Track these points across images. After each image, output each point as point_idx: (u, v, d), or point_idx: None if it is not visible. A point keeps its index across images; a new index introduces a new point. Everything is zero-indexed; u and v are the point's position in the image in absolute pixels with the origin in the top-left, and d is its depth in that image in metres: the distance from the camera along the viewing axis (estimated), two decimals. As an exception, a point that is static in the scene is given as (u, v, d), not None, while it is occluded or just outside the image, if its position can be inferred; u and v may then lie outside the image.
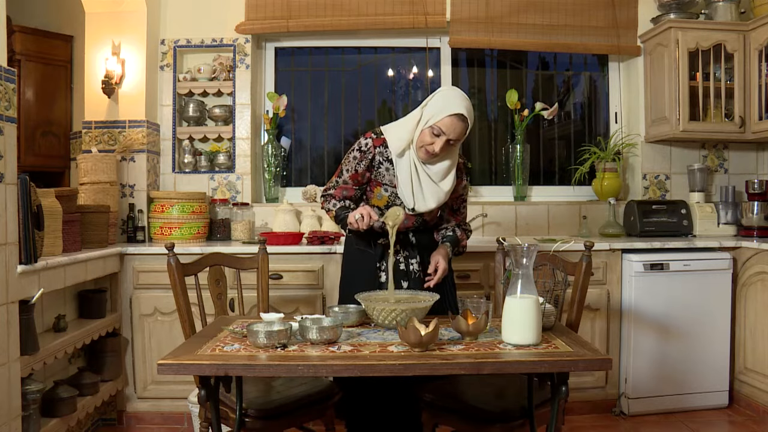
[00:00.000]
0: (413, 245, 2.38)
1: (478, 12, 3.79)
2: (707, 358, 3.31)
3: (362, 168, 2.32)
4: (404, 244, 2.38)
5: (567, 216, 3.88)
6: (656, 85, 3.79)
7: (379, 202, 2.34)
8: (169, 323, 3.13)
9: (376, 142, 2.32)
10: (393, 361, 1.62)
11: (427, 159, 2.24)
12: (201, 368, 1.65)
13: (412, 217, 2.34)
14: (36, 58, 3.82)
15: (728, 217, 3.74)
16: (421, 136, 2.21)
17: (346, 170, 2.35)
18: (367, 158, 2.31)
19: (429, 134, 2.19)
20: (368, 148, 2.31)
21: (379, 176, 2.33)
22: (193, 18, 3.74)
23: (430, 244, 2.44)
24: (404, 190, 2.28)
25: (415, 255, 2.38)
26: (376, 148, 2.31)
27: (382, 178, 2.33)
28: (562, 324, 2.13)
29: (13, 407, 2.19)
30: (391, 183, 2.32)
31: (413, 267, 2.37)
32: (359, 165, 2.32)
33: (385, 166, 2.32)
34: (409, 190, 2.27)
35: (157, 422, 3.18)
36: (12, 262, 2.20)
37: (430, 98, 2.25)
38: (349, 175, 2.34)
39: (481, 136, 4.11)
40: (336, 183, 2.38)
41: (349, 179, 2.35)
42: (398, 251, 2.36)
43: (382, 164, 2.32)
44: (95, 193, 3.25)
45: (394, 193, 2.32)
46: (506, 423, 2.03)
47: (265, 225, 3.73)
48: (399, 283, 2.33)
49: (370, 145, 2.31)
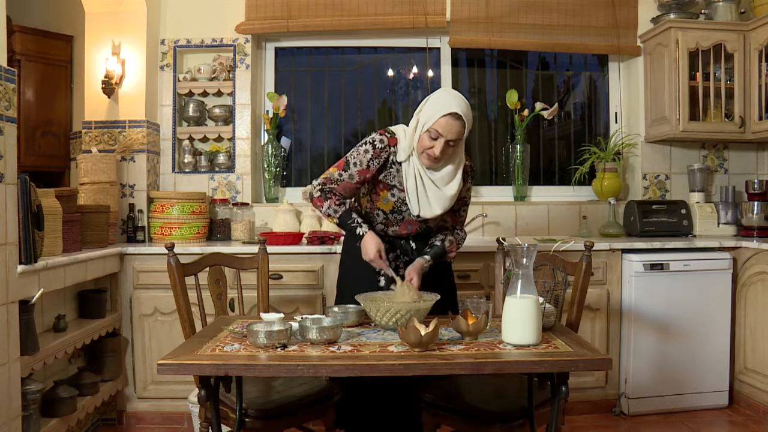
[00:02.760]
0: (413, 249, 2.38)
1: (478, 12, 3.79)
2: (707, 358, 3.31)
3: (375, 165, 2.24)
4: (404, 250, 2.37)
5: (567, 216, 3.88)
6: (656, 85, 3.79)
7: (384, 207, 2.30)
8: (169, 323, 3.13)
9: (391, 141, 2.26)
10: (393, 361, 1.62)
11: (431, 165, 2.19)
12: (201, 368, 1.65)
13: (416, 224, 2.33)
14: (36, 58, 3.82)
15: (728, 217, 3.75)
16: (420, 141, 2.17)
17: (354, 164, 2.25)
18: (382, 157, 2.24)
19: (427, 138, 2.15)
20: (384, 145, 2.24)
21: (389, 177, 2.28)
22: (193, 18, 3.74)
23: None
24: (410, 197, 2.24)
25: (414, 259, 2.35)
26: (391, 147, 2.26)
27: (392, 179, 2.27)
28: (562, 324, 2.13)
29: (13, 407, 2.19)
30: (400, 185, 2.27)
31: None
32: (372, 162, 2.24)
33: (396, 168, 2.27)
34: (415, 196, 2.23)
35: (157, 422, 3.18)
36: (12, 262, 2.20)
37: (424, 103, 2.21)
38: (358, 170, 2.25)
39: (481, 136, 4.11)
40: (339, 178, 2.28)
41: (357, 174, 2.25)
42: (398, 256, 2.36)
43: (393, 165, 2.27)
44: (95, 193, 3.25)
45: (401, 199, 2.28)
46: (506, 423, 2.03)
47: (265, 225, 3.73)
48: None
49: (386, 143, 2.25)
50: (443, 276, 2.44)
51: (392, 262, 2.34)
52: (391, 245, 2.36)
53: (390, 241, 2.36)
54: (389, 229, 2.34)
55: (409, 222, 2.32)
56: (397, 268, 2.34)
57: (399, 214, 2.30)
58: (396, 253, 2.36)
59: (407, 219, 2.31)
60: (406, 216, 2.30)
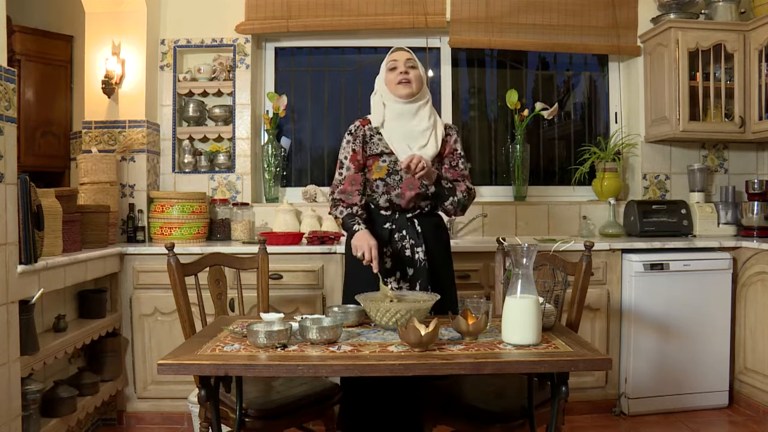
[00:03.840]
0: (419, 233, 2.41)
1: (478, 12, 3.79)
2: (707, 358, 3.31)
3: (358, 146, 2.45)
4: (410, 231, 2.41)
5: (567, 216, 3.88)
6: (656, 85, 3.79)
7: (380, 174, 2.41)
8: (169, 323, 3.13)
9: (363, 122, 2.50)
10: (393, 361, 1.62)
11: (407, 91, 2.39)
12: (201, 368, 1.65)
13: (416, 182, 2.37)
14: (36, 58, 3.82)
15: (728, 217, 3.75)
16: (388, 81, 2.43)
17: (345, 157, 2.46)
18: (359, 136, 2.46)
19: (391, 73, 2.43)
20: (357, 127, 2.48)
21: (374, 147, 2.44)
22: (193, 18, 3.74)
23: (435, 231, 2.47)
24: (398, 148, 2.39)
25: (421, 243, 2.40)
26: (365, 126, 2.48)
27: (377, 148, 2.43)
28: (562, 324, 2.13)
29: (13, 407, 2.19)
30: (387, 149, 2.42)
31: (419, 255, 2.39)
32: (354, 144, 2.46)
33: (378, 137, 2.45)
34: (404, 145, 2.39)
35: (157, 422, 3.18)
36: (12, 262, 2.20)
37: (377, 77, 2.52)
38: (349, 159, 2.45)
39: (481, 136, 4.11)
40: (342, 178, 2.45)
41: (351, 164, 2.44)
42: (404, 237, 2.41)
43: (373, 136, 2.46)
44: (95, 193, 3.25)
45: (392, 161, 2.40)
46: (506, 423, 2.03)
47: (265, 225, 3.73)
48: (405, 270, 2.39)
49: (358, 125, 2.49)
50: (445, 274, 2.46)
51: (399, 242, 2.39)
52: (398, 226, 2.41)
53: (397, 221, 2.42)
54: (393, 196, 2.40)
55: (409, 181, 2.37)
56: (403, 249, 2.39)
57: (396, 174, 2.40)
58: (402, 234, 2.40)
59: (406, 179, 2.38)
60: (403, 174, 2.39)
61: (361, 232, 2.33)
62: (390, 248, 2.40)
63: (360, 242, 2.30)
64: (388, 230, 2.41)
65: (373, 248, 2.27)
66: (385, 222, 2.43)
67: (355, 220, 2.37)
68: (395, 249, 2.40)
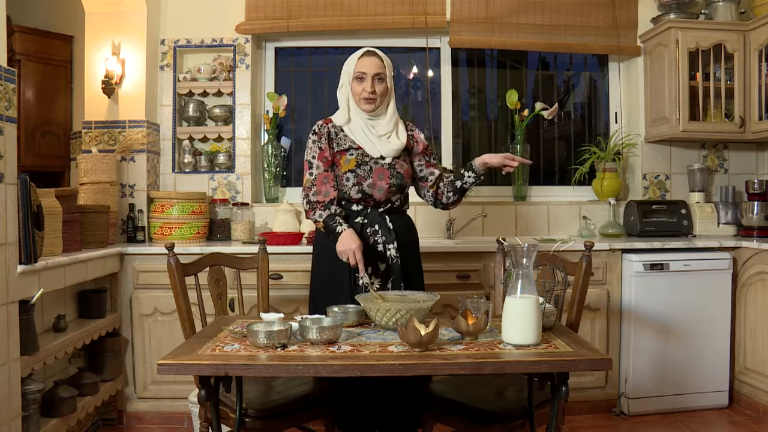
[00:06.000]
0: (390, 230, 2.38)
1: (478, 12, 3.79)
2: (707, 358, 3.31)
3: (324, 144, 2.43)
4: (382, 227, 2.37)
5: (567, 216, 3.88)
6: (656, 85, 3.79)
7: (349, 166, 2.38)
8: (169, 323, 3.13)
9: (326, 120, 2.49)
10: (393, 361, 1.62)
11: (371, 108, 2.38)
12: (201, 368, 1.65)
13: (386, 171, 2.37)
14: (36, 58, 3.82)
15: (728, 217, 3.75)
16: (353, 91, 2.40)
17: (312, 156, 2.42)
18: (323, 134, 2.44)
19: (357, 84, 2.39)
20: (320, 126, 2.47)
21: (341, 143, 2.42)
22: (193, 18, 3.74)
23: (406, 227, 2.45)
24: (365, 145, 2.40)
25: (392, 240, 2.36)
26: (328, 124, 2.47)
27: (344, 143, 2.42)
28: (562, 324, 2.13)
29: (13, 407, 2.19)
30: (354, 143, 2.41)
31: (391, 252, 2.35)
32: (321, 142, 2.43)
33: (343, 134, 2.45)
34: (369, 143, 2.39)
35: (157, 422, 3.18)
36: (12, 262, 2.20)
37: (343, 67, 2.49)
38: (317, 158, 2.41)
39: (481, 136, 4.11)
40: (313, 178, 2.39)
41: (320, 162, 2.40)
42: (376, 232, 2.37)
43: (338, 133, 2.45)
44: (95, 193, 3.25)
45: (361, 153, 2.40)
46: (506, 423, 2.03)
47: (265, 225, 3.73)
48: (376, 265, 2.34)
49: (321, 123, 2.48)
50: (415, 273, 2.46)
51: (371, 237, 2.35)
52: (370, 221, 2.38)
53: (369, 215, 2.38)
54: (365, 186, 2.36)
55: (379, 171, 2.37)
56: (376, 244, 2.35)
57: (365, 165, 2.38)
58: (374, 228, 2.37)
59: (375, 168, 2.37)
60: (373, 165, 2.37)
61: (344, 234, 2.26)
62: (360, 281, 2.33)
63: (343, 247, 2.25)
64: (359, 224, 2.37)
65: (357, 251, 2.22)
66: (356, 216, 2.39)
67: (336, 220, 2.31)
68: (367, 244, 2.35)
